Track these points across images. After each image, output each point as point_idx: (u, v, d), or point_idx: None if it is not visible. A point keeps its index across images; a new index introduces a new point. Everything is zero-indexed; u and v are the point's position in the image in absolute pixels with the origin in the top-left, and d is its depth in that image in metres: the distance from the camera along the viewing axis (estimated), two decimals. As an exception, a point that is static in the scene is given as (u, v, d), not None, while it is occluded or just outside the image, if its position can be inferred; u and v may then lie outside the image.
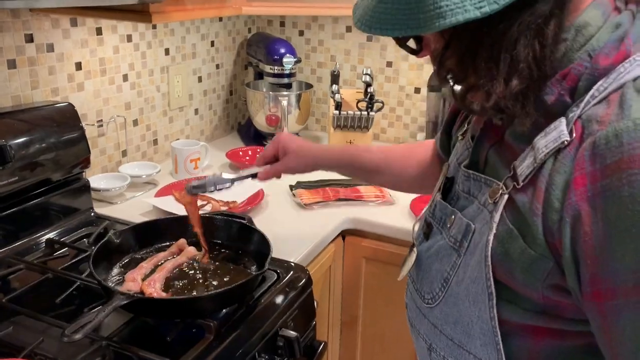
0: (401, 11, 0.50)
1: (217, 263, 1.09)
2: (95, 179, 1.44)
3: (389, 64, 1.94)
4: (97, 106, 1.49)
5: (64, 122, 1.26)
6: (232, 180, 1.03)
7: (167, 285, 1.00)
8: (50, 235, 1.23)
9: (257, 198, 1.43)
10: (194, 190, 1.04)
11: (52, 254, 1.17)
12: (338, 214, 1.41)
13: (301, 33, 2.06)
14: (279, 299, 1.04)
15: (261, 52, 1.87)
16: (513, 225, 0.55)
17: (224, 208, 1.39)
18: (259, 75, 1.96)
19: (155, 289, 0.96)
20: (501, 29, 0.50)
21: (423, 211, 0.75)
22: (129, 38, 1.55)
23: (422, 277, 0.69)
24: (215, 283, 1.01)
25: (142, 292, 0.95)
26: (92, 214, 1.34)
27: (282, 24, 2.08)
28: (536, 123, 0.55)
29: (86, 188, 1.34)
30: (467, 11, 0.47)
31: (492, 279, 0.57)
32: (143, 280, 0.98)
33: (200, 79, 1.87)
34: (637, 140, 0.46)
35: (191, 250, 1.11)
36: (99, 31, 1.45)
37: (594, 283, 0.50)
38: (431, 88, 1.73)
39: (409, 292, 0.74)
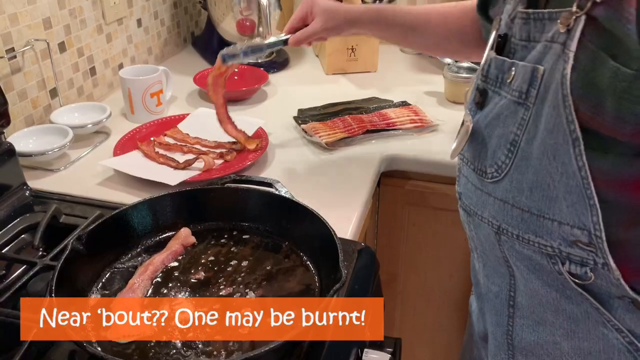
0: None
1: (248, 258, 0.72)
2: (20, 138, 0.99)
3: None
4: (2, 28, 1.00)
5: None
6: (266, 46, 0.95)
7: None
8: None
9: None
10: (228, 59, 0.94)
11: (-22, 272, 0.76)
12: (371, 154, 1.05)
13: None
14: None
15: None
16: (597, 47, 0.48)
17: (219, 161, 0.99)
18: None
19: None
20: None
21: (472, 81, 0.65)
22: None
23: (480, 151, 0.62)
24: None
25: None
26: (27, 192, 0.92)
27: None
28: None
29: (11, 154, 0.90)
30: None
31: (575, 120, 0.50)
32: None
33: (138, -23, 1.37)
34: None
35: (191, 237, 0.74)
36: None
37: None
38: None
39: (462, 177, 0.68)
